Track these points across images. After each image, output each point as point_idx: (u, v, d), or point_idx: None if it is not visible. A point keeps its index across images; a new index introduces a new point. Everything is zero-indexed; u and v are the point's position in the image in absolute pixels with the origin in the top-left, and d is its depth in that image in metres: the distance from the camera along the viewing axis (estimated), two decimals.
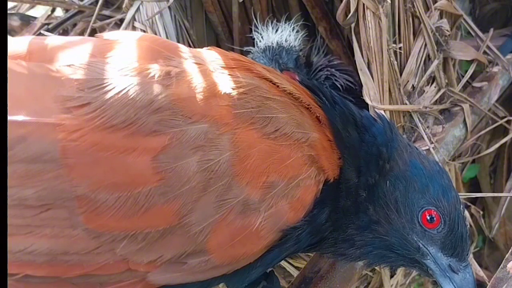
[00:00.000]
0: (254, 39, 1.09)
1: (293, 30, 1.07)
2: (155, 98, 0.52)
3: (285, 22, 1.08)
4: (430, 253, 0.64)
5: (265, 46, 1.05)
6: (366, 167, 0.64)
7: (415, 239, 0.64)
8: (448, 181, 0.66)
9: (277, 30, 1.06)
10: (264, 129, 0.56)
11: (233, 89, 0.57)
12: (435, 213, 0.63)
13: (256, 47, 1.07)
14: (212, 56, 0.63)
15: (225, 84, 0.57)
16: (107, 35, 0.61)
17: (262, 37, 1.06)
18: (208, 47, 0.66)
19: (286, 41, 1.05)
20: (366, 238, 0.64)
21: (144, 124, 0.51)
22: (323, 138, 0.62)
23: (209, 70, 0.58)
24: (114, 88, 0.52)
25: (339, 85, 1.08)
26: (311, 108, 0.64)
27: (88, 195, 0.50)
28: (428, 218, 0.63)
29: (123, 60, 0.55)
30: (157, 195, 0.51)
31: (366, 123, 0.66)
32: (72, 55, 0.55)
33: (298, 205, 0.58)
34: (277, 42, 1.04)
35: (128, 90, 0.52)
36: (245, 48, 1.14)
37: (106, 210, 0.50)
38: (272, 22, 1.09)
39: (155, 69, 0.55)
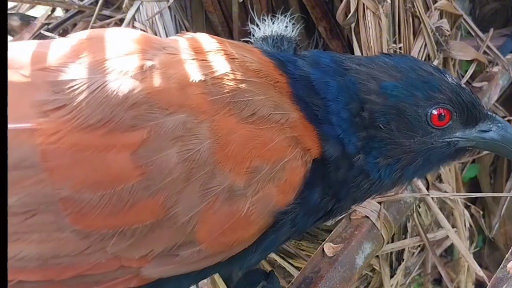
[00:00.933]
0: (250, 32, 1.08)
1: (290, 21, 1.06)
2: (130, 94, 0.52)
3: (282, 15, 1.08)
4: (460, 138, 0.65)
5: (264, 36, 1.04)
6: (346, 134, 0.62)
7: (440, 140, 0.64)
8: (425, 69, 0.65)
9: (273, 22, 1.06)
10: (241, 113, 0.55)
11: (207, 75, 0.56)
12: (439, 111, 0.63)
13: (253, 37, 1.07)
14: (186, 43, 0.61)
15: (199, 71, 0.56)
16: (79, 34, 0.61)
17: (259, 28, 1.06)
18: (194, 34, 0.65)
19: (284, 30, 1.04)
20: (387, 161, 0.64)
21: (121, 120, 0.51)
22: (302, 117, 0.61)
23: (183, 59, 0.58)
24: (88, 87, 0.52)
25: None
26: (278, 85, 0.61)
27: (71, 196, 0.50)
28: (438, 119, 0.63)
29: (96, 59, 0.55)
30: (141, 189, 0.51)
31: (321, 87, 0.63)
32: (45, 59, 0.55)
33: (287, 188, 0.57)
34: (276, 32, 1.04)
35: (103, 88, 0.52)
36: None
37: (91, 209, 0.50)
38: (268, 16, 1.08)
39: (129, 64, 0.54)
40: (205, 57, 0.59)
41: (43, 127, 0.50)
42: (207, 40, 0.63)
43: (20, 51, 0.56)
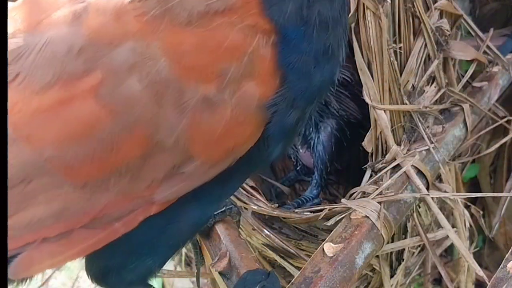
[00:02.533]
0: None
1: None
2: (73, 42, 0.51)
3: None
4: None
5: None
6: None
7: None
8: None
9: None
10: (180, 19, 0.53)
11: None
12: None
13: None
14: None
15: None
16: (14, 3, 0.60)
17: None
18: None
19: None
20: None
21: (73, 70, 0.51)
22: None
23: None
24: (33, 50, 0.52)
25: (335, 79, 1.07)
26: None
27: (55, 155, 0.50)
28: None
29: (32, 21, 0.55)
30: (116, 127, 0.51)
31: None
32: None
33: (264, 78, 0.54)
34: None
35: (46, 46, 0.52)
36: None
37: (78, 161, 0.51)
38: None
39: (63, 15, 0.54)
40: None
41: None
42: None
43: None
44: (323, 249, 0.77)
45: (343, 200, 0.91)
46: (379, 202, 0.86)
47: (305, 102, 0.59)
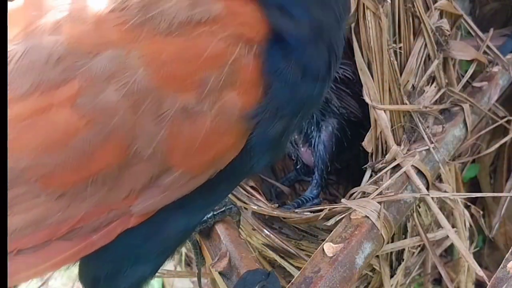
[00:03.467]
0: None
1: None
2: (51, 50, 0.51)
3: None
4: None
5: None
6: None
7: None
8: None
9: None
10: (160, 29, 0.52)
11: (113, 3, 0.54)
12: None
13: None
14: None
15: (105, 3, 0.54)
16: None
17: None
18: None
19: None
20: None
21: (51, 79, 0.50)
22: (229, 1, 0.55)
23: (88, 0, 0.55)
24: (13, 58, 0.52)
25: (336, 76, 1.07)
26: None
27: (31, 164, 0.50)
28: None
29: (15, 29, 0.54)
30: (93, 137, 0.50)
31: None
32: None
33: (246, 88, 0.54)
34: None
35: (26, 55, 0.51)
36: None
37: (54, 170, 0.50)
38: None
39: (43, 23, 0.54)
40: None
41: None
42: None
43: None
44: (323, 249, 0.77)
45: (343, 200, 0.91)
46: (379, 202, 0.86)
47: (290, 112, 0.58)
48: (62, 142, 0.50)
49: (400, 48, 0.98)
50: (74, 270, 0.61)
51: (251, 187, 1.01)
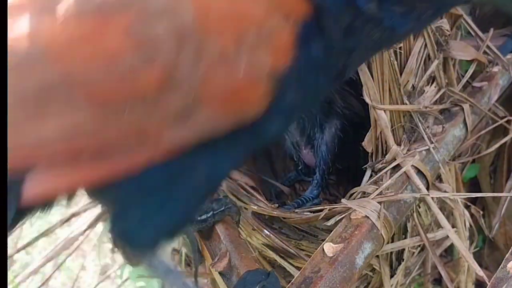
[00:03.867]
0: None
1: None
2: None
3: None
4: None
5: None
6: None
7: None
8: None
9: None
10: None
11: None
12: None
13: None
14: None
15: None
16: None
17: None
18: None
19: None
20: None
21: (113, 5, 0.55)
22: None
23: None
24: None
25: None
26: None
27: (79, 72, 0.54)
28: None
29: None
30: (139, 60, 0.54)
31: None
32: None
33: (277, 51, 0.58)
34: None
35: None
36: None
37: (100, 84, 0.54)
38: None
39: None
40: None
41: (41, 26, 0.54)
42: None
43: None
44: (323, 249, 0.78)
45: (343, 200, 0.91)
46: (379, 202, 0.86)
47: (308, 85, 0.63)
48: (112, 59, 0.54)
49: (400, 48, 0.98)
50: (74, 270, 0.61)
51: (251, 187, 1.01)
